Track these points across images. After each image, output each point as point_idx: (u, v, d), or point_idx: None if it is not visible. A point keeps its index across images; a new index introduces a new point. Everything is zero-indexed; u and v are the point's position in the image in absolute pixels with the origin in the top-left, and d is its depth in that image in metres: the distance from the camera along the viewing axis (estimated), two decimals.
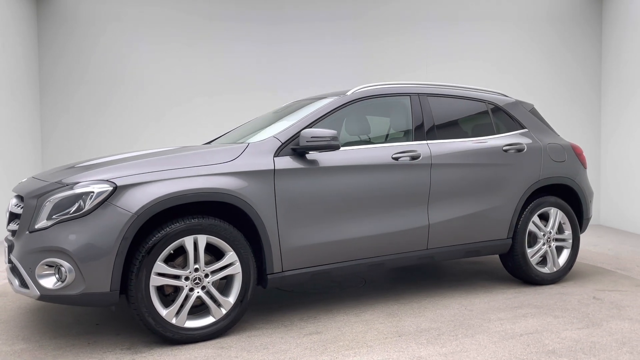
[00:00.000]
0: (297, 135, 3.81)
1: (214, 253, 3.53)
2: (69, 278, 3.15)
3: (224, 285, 3.60)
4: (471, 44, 8.76)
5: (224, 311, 3.50)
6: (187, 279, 3.40)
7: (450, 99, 4.69)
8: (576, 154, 5.09)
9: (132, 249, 3.30)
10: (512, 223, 4.63)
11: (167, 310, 3.33)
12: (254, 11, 8.62)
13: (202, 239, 3.42)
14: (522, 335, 3.46)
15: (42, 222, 3.23)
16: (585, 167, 5.18)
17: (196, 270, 3.42)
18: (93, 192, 3.21)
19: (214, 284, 3.52)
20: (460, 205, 4.39)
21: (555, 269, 4.85)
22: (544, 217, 4.86)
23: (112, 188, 3.23)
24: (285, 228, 3.67)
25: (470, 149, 4.49)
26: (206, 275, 3.45)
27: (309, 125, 3.96)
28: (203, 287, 3.44)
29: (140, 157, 3.61)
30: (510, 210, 4.61)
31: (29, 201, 3.35)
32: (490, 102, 4.87)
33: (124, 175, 3.31)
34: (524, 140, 4.79)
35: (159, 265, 3.30)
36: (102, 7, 8.55)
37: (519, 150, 4.71)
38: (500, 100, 4.95)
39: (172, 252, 3.36)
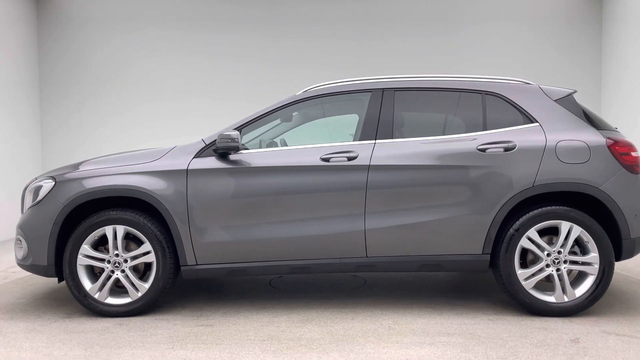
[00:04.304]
0: None
1: (142, 242, 4.03)
2: (24, 251, 4.07)
3: None
4: (470, 43, 8.61)
5: (139, 294, 3.98)
6: (109, 262, 3.98)
7: (428, 93, 4.17)
8: (615, 154, 3.88)
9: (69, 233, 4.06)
10: (488, 236, 3.87)
11: (91, 286, 3.98)
12: (254, 11, 8.57)
13: (120, 229, 3.96)
14: None
15: (26, 208, 4.22)
16: (633, 172, 3.91)
17: (117, 255, 3.98)
18: (42, 185, 4.07)
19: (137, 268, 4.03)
20: (411, 212, 3.89)
21: (566, 299, 3.83)
22: (555, 232, 3.90)
23: (54, 183, 4.03)
24: (197, 224, 3.93)
25: (428, 148, 3.93)
26: (125, 261, 3.98)
27: (242, 126, 4.11)
28: (123, 271, 3.98)
29: (93, 158, 4.34)
30: (484, 221, 3.85)
31: (23, 192, 4.41)
32: (489, 93, 4.11)
33: (66, 172, 4.08)
34: (519, 138, 3.91)
35: (85, 248, 3.97)
36: (102, 8, 8.71)
37: (508, 150, 3.89)
38: (508, 90, 4.12)
39: (96, 238, 3.98)
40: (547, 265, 3.86)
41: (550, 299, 3.87)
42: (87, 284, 3.99)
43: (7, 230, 7.86)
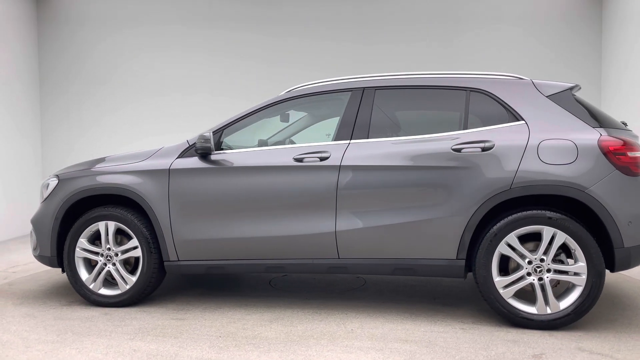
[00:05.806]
0: None
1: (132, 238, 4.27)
2: (34, 243, 4.47)
3: None
4: (469, 45, 8.40)
5: (127, 287, 4.22)
6: (102, 255, 4.27)
7: (411, 91, 4.03)
8: (608, 154, 3.51)
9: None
10: (462, 241, 3.67)
11: (87, 277, 4.28)
12: (254, 10, 8.40)
13: (111, 225, 4.23)
14: None
15: (40, 202, 4.64)
16: (630, 174, 3.51)
17: (109, 249, 4.25)
18: (49, 183, 4.44)
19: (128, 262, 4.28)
20: (382, 213, 3.79)
21: (549, 311, 3.55)
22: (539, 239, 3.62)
23: (57, 181, 4.38)
24: (177, 222, 4.10)
25: (402, 149, 3.80)
26: (116, 255, 4.24)
27: (223, 127, 4.21)
28: (114, 264, 4.25)
29: (109, 156, 4.62)
30: (458, 225, 3.66)
31: (40, 188, 4.83)
32: (475, 90, 3.89)
33: (68, 171, 4.43)
34: (499, 137, 3.67)
35: (82, 242, 4.28)
36: (101, 8, 8.68)
37: (485, 150, 3.66)
38: (495, 86, 3.88)
39: (91, 232, 4.28)
40: (529, 274, 3.60)
41: (531, 310, 3.60)
42: (84, 274, 4.30)
43: (6, 229, 7.91)
